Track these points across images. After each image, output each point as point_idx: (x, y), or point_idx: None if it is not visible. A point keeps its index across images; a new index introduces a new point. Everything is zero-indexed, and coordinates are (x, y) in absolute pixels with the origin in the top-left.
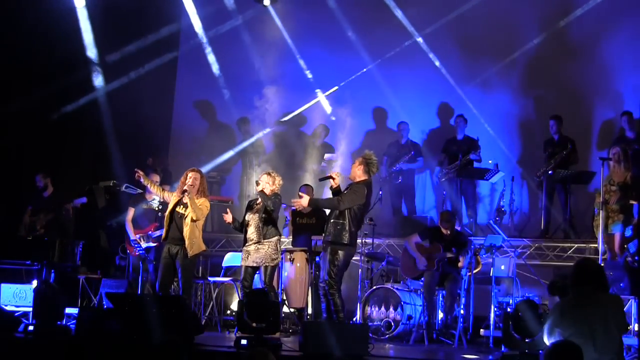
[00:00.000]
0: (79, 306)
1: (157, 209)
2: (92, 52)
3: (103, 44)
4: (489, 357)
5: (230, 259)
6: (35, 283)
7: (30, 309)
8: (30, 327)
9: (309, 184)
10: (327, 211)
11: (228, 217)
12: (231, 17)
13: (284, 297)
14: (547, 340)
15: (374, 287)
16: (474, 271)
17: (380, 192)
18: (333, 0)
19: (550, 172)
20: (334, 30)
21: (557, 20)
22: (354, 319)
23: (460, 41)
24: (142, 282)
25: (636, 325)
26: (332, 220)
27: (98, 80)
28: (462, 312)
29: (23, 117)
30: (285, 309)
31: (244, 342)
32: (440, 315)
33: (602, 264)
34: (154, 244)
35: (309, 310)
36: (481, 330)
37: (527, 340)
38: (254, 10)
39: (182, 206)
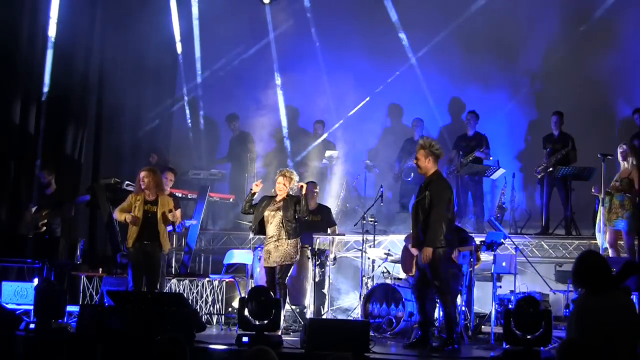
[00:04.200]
0: (80, 304)
1: None
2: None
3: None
4: (490, 354)
5: (232, 256)
6: (36, 281)
7: (32, 307)
8: (32, 326)
9: (314, 181)
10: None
11: (256, 188)
12: (232, 15)
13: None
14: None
15: (376, 284)
16: (475, 266)
17: (382, 189)
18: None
19: (550, 168)
20: (335, 28)
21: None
22: (355, 316)
23: (462, 39)
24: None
25: None
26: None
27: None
28: (463, 308)
29: (23, 115)
30: (286, 306)
31: (245, 339)
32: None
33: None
34: None
35: (311, 308)
36: (482, 326)
37: None
38: (254, 8)
39: (150, 204)
